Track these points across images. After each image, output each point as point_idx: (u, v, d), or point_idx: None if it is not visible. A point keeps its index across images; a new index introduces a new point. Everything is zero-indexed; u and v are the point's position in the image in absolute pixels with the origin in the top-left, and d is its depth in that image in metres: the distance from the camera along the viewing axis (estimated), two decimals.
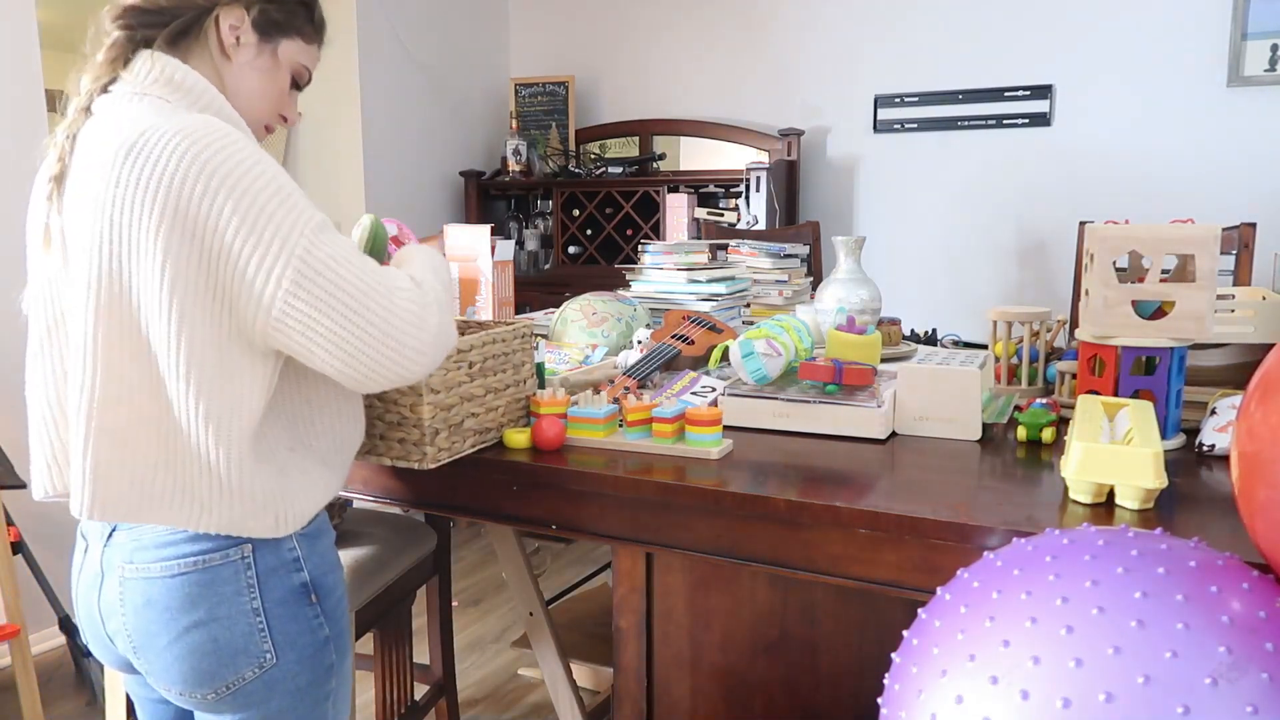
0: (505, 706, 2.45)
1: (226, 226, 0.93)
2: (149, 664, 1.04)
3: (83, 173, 0.99)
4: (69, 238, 1.01)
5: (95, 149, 0.99)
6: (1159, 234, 1.32)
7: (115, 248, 0.95)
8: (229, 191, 0.93)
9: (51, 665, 2.62)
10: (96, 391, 0.97)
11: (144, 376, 0.97)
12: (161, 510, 0.99)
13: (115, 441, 0.97)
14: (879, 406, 1.41)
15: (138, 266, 0.95)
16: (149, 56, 1.04)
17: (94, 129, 1.01)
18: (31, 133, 2.61)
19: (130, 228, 0.94)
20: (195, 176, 0.93)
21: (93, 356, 0.96)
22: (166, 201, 0.93)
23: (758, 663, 1.35)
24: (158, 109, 1.00)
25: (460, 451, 1.32)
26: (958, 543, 1.07)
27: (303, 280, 0.95)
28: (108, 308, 0.96)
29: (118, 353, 0.96)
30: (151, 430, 0.98)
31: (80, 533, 1.11)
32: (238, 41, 1.08)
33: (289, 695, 1.06)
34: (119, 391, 0.97)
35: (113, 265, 0.95)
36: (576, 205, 4.02)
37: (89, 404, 0.97)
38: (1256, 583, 0.79)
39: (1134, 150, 3.27)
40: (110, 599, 1.04)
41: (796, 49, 3.77)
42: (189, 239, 0.94)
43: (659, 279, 2.14)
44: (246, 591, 1.02)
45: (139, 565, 1.02)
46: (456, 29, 4.09)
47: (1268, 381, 0.83)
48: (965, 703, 0.77)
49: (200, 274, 0.94)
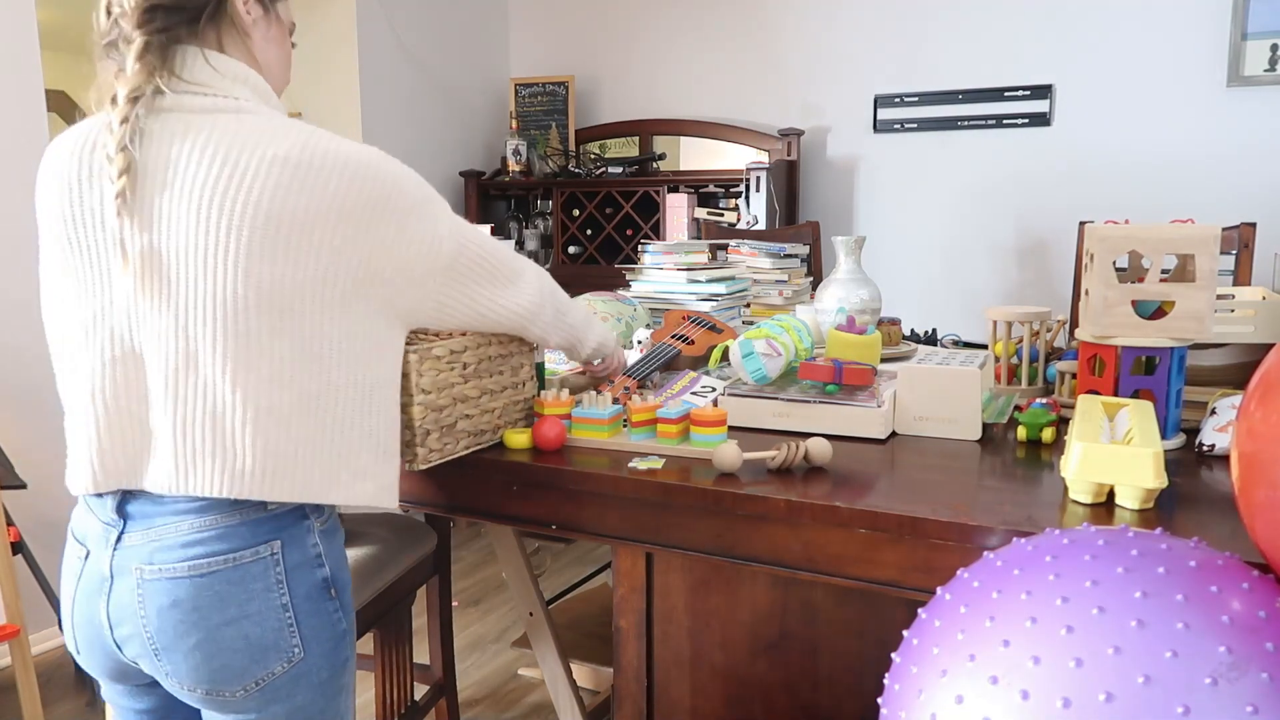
0: (505, 706, 2.45)
1: (396, 228, 1.05)
2: (172, 665, 1.02)
3: (182, 181, 0.97)
4: (157, 248, 0.98)
5: (200, 157, 0.97)
6: (1159, 234, 1.32)
7: (273, 249, 0.98)
8: (392, 200, 1.05)
9: (51, 665, 2.62)
10: (252, 375, 0.99)
11: (301, 361, 1.01)
12: (327, 487, 1.04)
13: (278, 421, 1.00)
14: (879, 406, 1.41)
15: (308, 266, 0.99)
16: (199, 54, 1.03)
17: (181, 138, 0.99)
18: (31, 133, 2.61)
19: (301, 232, 0.98)
20: (361, 188, 1.02)
21: (236, 346, 0.98)
22: (347, 210, 1.01)
23: (758, 663, 1.35)
24: (271, 122, 1.01)
25: (453, 453, 1.31)
26: (958, 543, 1.07)
27: (458, 255, 1.13)
28: (258, 304, 0.98)
29: (269, 341, 0.99)
30: (310, 405, 1.02)
31: (75, 538, 1.08)
32: (252, 18, 1.09)
33: (312, 689, 1.07)
34: (271, 372, 0.99)
35: (269, 266, 0.97)
36: (576, 205, 4.02)
37: (244, 386, 0.99)
38: (1256, 583, 0.79)
39: (1134, 150, 3.27)
40: (123, 603, 1.02)
41: (796, 49, 3.77)
42: (363, 242, 1.02)
43: (659, 279, 2.14)
44: (276, 588, 1.03)
45: (161, 565, 1.00)
46: (456, 29, 4.09)
47: (1268, 381, 0.83)
48: (965, 703, 0.77)
49: (378, 271, 1.04)
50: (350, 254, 1.01)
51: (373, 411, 1.07)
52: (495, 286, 1.21)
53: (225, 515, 1.01)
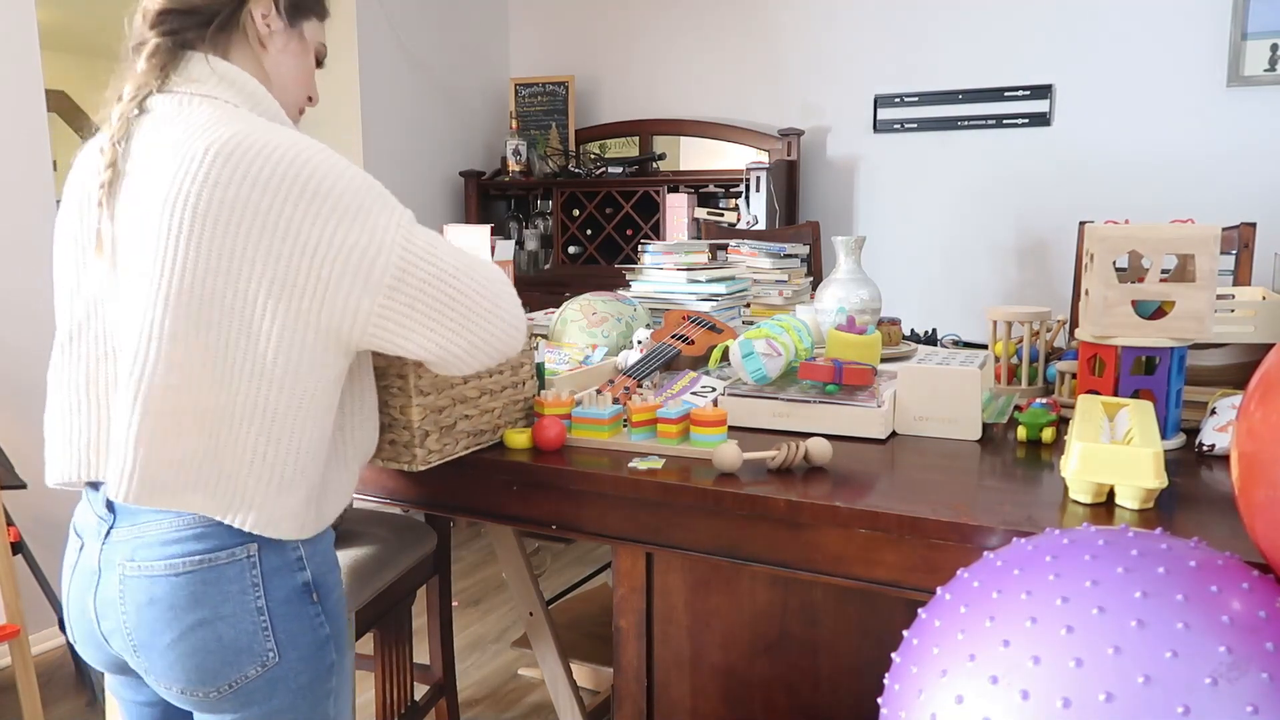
0: (505, 706, 2.45)
1: (324, 230, 0.97)
2: (149, 663, 1.04)
3: (146, 174, 0.99)
4: (122, 238, 1.01)
5: (162, 150, 0.99)
6: (1159, 234, 1.32)
7: (197, 244, 0.95)
8: (324, 197, 0.97)
9: (51, 665, 2.62)
10: (156, 379, 0.96)
11: (209, 368, 0.97)
12: (200, 498, 0.99)
13: (165, 427, 0.97)
14: (879, 406, 1.41)
15: (225, 264, 0.95)
16: (202, 59, 1.06)
17: (155, 132, 1.01)
18: (31, 133, 2.61)
19: (222, 226, 0.95)
20: (292, 182, 0.96)
21: (155, 346, 0.96)
22: (269, 205, 0.95)
23: (758, 663, 1.35)
24: (229, 114, 1.01)
25: (452, 453, 1.31)
26: (958, 543, 1.07)
27: (403, 275, 1.00)
28: (178, 301, 0.96)
29: (184, 344, 0.96)
30: (206, 421, 0.98)
31: (74, 531, 1.10)
32: (270, 30, 1.11)
33: (290, 694, 1.07)
34: (180, 380, 0.97)
35: (191, 261, 0.95)
36: (576, 205, 4.02)
37: (144, 390, 0.97)
38: (1256, 583, 0.79)
39: (1134, 150, 3.28)
40: (108, 597, 1.04)
41: (796, 49, 3.77)
42: (286, 241, 0.96)
43: (659, 279, 2.14)
44: (251, 590, 1.03)
45: (141, 563, 1.01)
46: (456, 29, 4.09)
47: (1268, 381, 0.83)
48: (965, 702, 0.77)
49: (296, 275, 0.97)
50: (265, 256, 0.95)
51: (271, 440, 0.99)
52: (462, 319, 1.05)
53: (204, 515, 1.01)
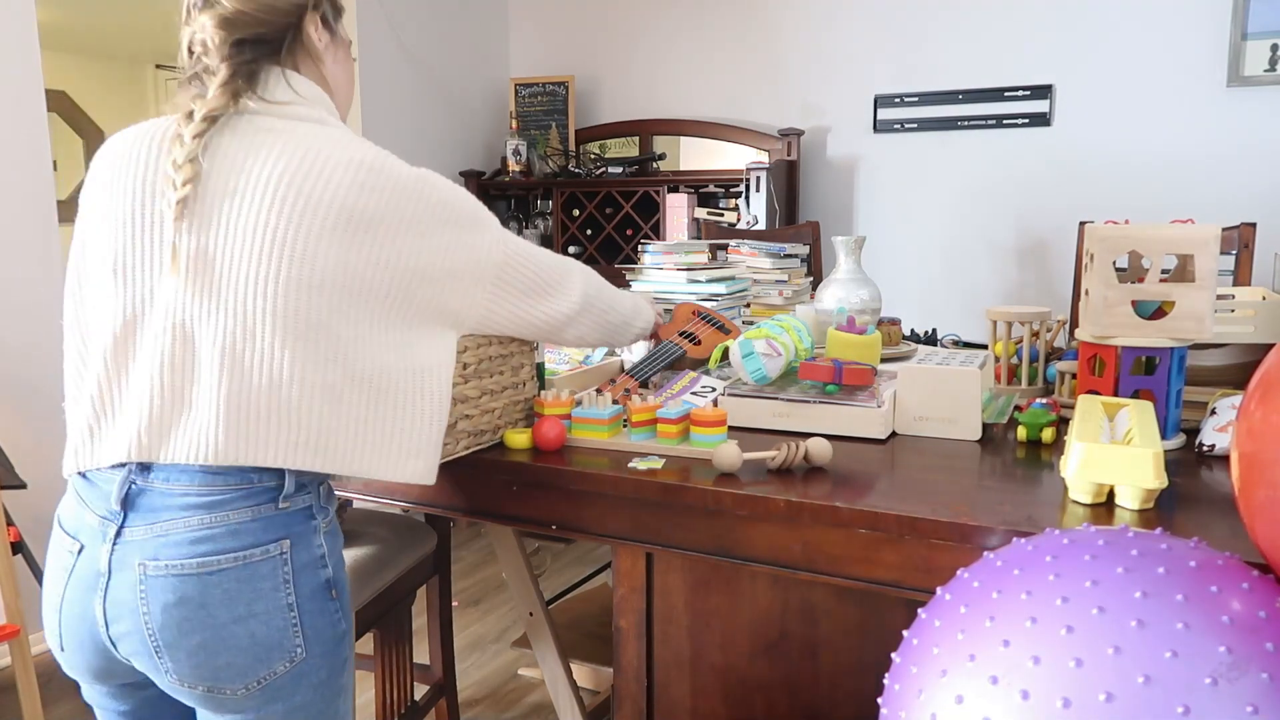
0: (505, 706, 2.45)
1: (452, 234, 1.14)
2: (174, 663, 1.02)
3: (249, 188, 1.03)
4: (216, 249, 1.03)
5: (272, 164, 1.04)
6: (1159, 234, 1.32)
7: (343, 239, 1.04)
8: (451, 208, 1.14)
9: (51, 665, 2.62)
10: (309, 352, 1.04)
11: (352, 338, 1.07)
12: (377, 463, 1.09)
13: (332, 396, 1.05)
14: (879, 406, 1.41)
15: (367, 257, 1.06)
16: (280, 77, 1.11)
17: (253, 148, 1.05)
18: (31, 133, 2.61)
19: (372, 224, 1.06)
20: (429, 195, 1.12)
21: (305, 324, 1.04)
22: (413, 212, 1.09)
23: (758, 663, 1.35)
24: (344, 132, 1.11)
25: (453, 453, 1.32)
26: (958, 543, 1.07)
27: (505, 266, 1.21)
28: (320, 287, 1.04)
29: (326, 319, 1.05)
30: (364, 385, 1.08)
31: (65, 533, 1.08)
32: (323, 43, 1.17)
33: (312, 689, 1.08)
34: (331, 351, 1.05)
35: (336, 252, 1.04)
36: (576, 205, 4.02)
37: (307, 365, 1.04)
38: (1256, 583, 0.79)
39: (1134, 150, 3.28)
40: (122, 599, 1.02)
41: (796, 49, 3.77)
42: (423, 239, 1.10)
43: (659, 279, 2.14)
44: (283, 587, 1.04)
45: (168, 561, 1.00)
46: (456, 29, 4.09)
47: (1268, 381, 0.83)
48: (965, 703, 0.77)
49: (429, 269, 1.12)
50: (409, 253, 1.09)
51: (424, 393, 1.13)
52: (538, 298, 1.28)
53: (237, 512, 1.02)
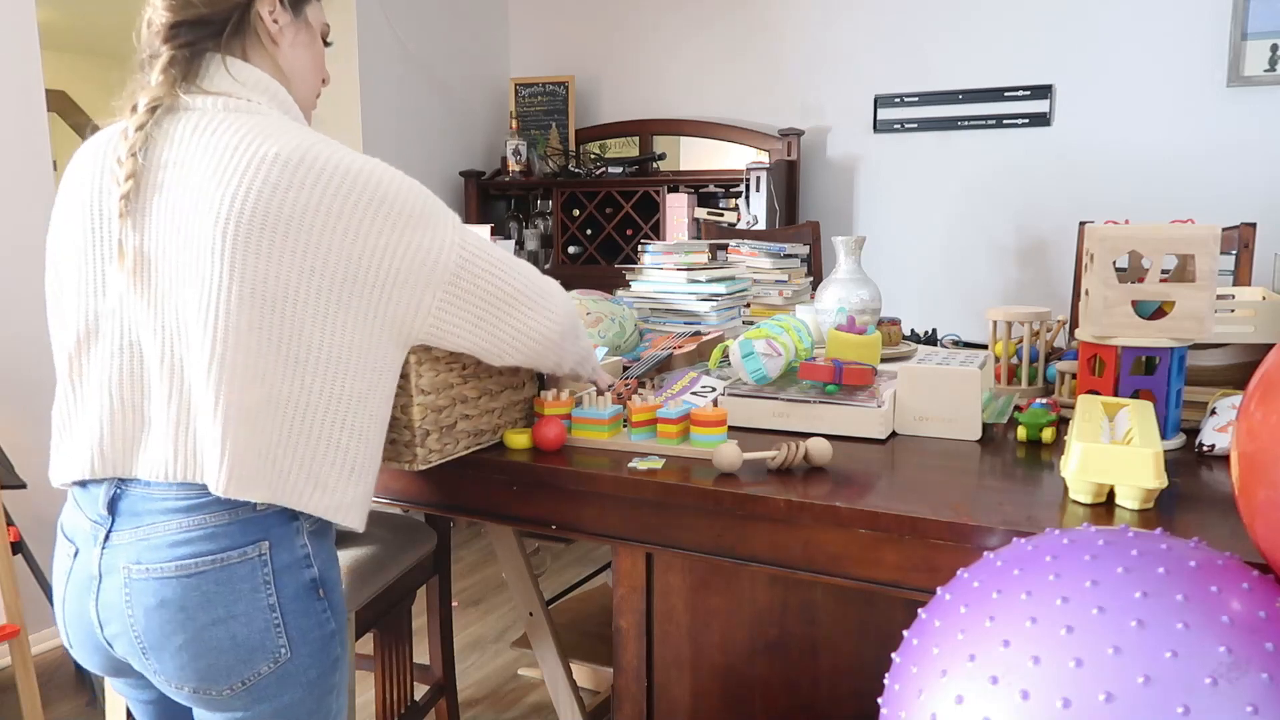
0: (505, 706, 2.45)
1: (391, 233, 1.04)
2: (160, 664, 1.03)
3: (185, 182, 1.00)
4: (157, 247, 1.01)
5: (205, 158, 1.00)
6: (1159, 234, 1.32)
7: (269, 243, 0.98)
8: (389, 203, 1.04)
9: (51, 665, 2.62)
10: (236, 372, 0.99)
11: (284, 358, 1.00)
12: (284, 490, 1.02)
13: (246, 419, 1.00)
14: (879, 406, 1.41)
15: (300, 261, 0.99)
16: (220, 66, 1.07)
17: (186, 141, 1.02)
18: (31, 133, 2.61)
19: (295, 226, 0.99)
20: (361, 189, 1.02)
21: (231, 341, 0.98)
22: (340, 209, 1.00)
23: (758, 663, 1.35)
24: (277, 122, 1.04)
25: (453, 453, 1.31)
26: (958, 543, 1.07)
27: (460, 272, 1.10)
28: (252, 296, 0.98)
29: (258, 336, 0.99)
30: (284, 409, 1.01)
31: (64, 537, 1.09)
32: (279, 26, 1.12)
33: (300, 688, 1.08)
34: (257, 372, 0.99)
35: (264, 258, 0.98)
36: (576, 205, 4.02)
37: (224, 384, 0.98)
38: (1256, 583, 0.79)
39: (1134, 150, 3.28)
40: (111, 601, 1.03)
41: (796, 49, 3.77)
42: (357, 242, 1.02)
43: (659, 279, 2.14)
44: (263, 588, 1.03)
45: (149, 565, 1.01)
46: (456, 29, 4.09)
47: (1268, 381, 0.83)
48: (965, 703, 0.77)
49: (367, 273, 1.03)
50: (337, 255, 1.01)
51: (344, 426, 1.05)
52: (509, 310, 1.16)
53: (214, 515, 1.02)
